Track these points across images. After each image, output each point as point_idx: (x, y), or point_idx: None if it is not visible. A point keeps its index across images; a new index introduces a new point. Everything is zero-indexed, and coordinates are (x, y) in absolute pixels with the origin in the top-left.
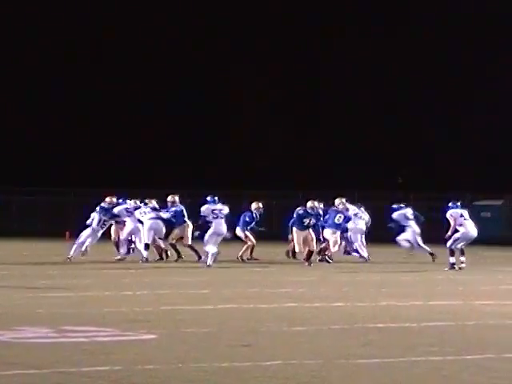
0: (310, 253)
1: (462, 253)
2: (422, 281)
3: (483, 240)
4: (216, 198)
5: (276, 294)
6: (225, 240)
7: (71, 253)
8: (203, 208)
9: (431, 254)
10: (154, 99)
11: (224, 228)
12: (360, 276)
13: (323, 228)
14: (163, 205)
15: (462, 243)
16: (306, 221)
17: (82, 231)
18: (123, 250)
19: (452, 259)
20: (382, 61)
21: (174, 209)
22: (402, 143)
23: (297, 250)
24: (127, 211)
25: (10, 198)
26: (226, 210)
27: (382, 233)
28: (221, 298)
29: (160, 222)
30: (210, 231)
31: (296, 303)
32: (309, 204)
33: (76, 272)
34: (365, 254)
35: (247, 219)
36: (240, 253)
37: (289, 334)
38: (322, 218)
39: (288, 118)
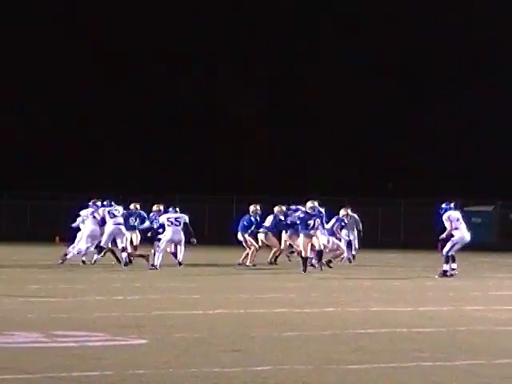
0: (320, 253)
1: (453, 260)
2: (413, 286)
3: (474, 246)
4: (177, 209)
5: (266, 300)
6: (192, 245)
7: (70, 256)
8: (160, 218)
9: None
10: (149, 102)
11: (180, 235)
12: (351, 281)
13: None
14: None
15: (457, 248)
16: (311, 222)
17: (72, 235)
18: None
19: (445, 266)
20: (370, 70)
21: (161, 218)
22: (392, 148)
23: (303, 254)
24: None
25: None
26: (183, 218)
27: (373, 238)
28: (211, 303)
29: (123, 229)
30: (165, 237)
31: (286, 309)
32: (308, 204)
33: (67, 277)
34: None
35: (245, 223)
36: (248, 260)
37: (279, 340)
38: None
39: (277, 126)
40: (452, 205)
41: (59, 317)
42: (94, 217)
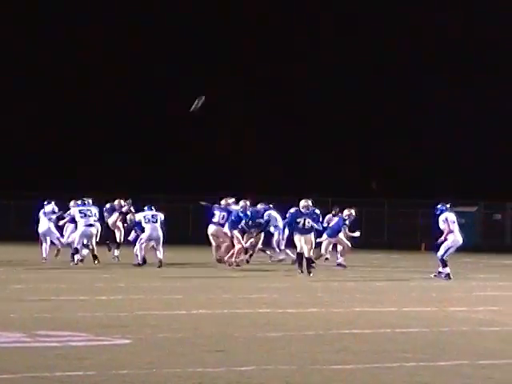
0: (308, 260)
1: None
2: (396, 287)
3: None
4: (153, 207)
5: (250, 300)
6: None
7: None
8: (137, 215)
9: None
10: (140, 106)
11: (158, 232)
12: (335, 282)
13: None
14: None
15: (451, 252)
16: (300, 220)
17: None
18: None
19: (447, 269)
20: (364, 73)
21: (137, 216)
22: (376, 149)
23: (298, 250)
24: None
25: None
26: (160, 216)
27: (357, 238)
28: (195, 303)
29: (93, 230)
30: (144, 234)
31: (270, 309)
32: (301, 203)
33: (50, 276)
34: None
35: (233, 219)
36: (232, 258)
37: (263, 340)
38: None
39: (263, 127)
40: (448, 206)
41: (42, 316)
42: (45, 213)
